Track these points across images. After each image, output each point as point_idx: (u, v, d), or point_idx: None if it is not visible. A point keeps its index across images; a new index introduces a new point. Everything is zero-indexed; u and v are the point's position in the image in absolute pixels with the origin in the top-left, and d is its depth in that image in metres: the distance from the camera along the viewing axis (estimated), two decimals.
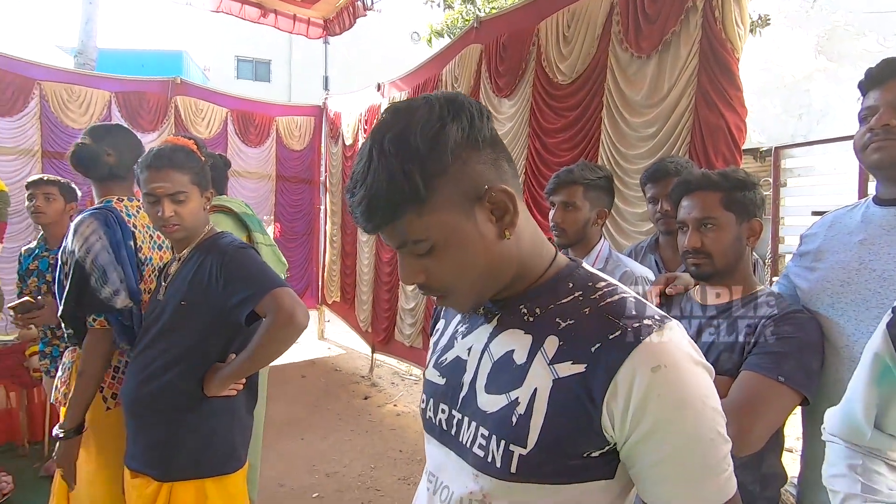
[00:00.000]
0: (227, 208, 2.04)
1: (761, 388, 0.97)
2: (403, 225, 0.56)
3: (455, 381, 0.66)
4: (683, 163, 1.69)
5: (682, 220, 1.17)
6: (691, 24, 2.00)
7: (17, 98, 4.12)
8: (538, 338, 0.59)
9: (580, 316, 0.58)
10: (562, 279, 0.62)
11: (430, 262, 0.58)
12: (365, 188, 0.54)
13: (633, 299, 0.58)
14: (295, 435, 3.42)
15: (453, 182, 0.55)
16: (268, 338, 1.26)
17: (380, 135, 0.54)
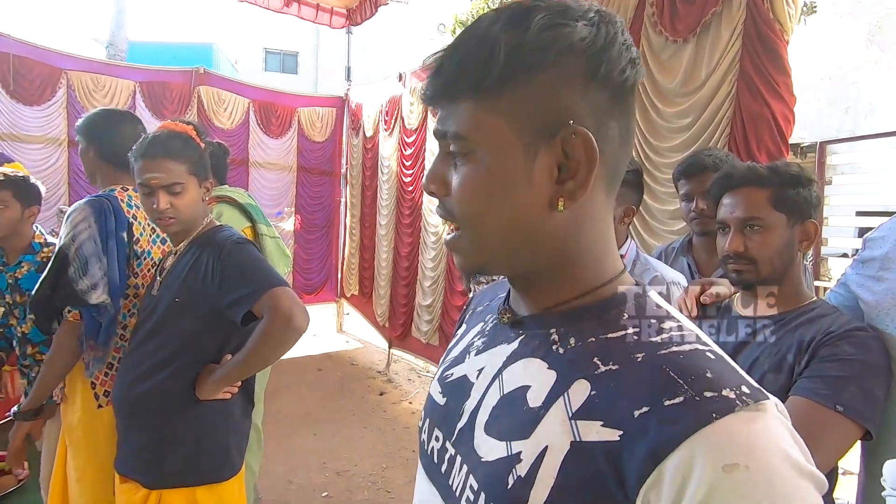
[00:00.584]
0: (231, 199, 1.99)
1: (815, 418, 0.83)
2: (458, 108, 0.44)
3: (455, 405, 0.53)
4: (722, 156, 1.52)
5: (723, 220, 1.03)
6: (734, 3, 1.82)
7: (44, 87, 4.18)
8: (564, 378, 0.43)
9: (629, 361, 0.41)
10: (615, 305, 0.45)
11: (459, 175, 0.45)
12: (452, 50, 0.44)
13: (711, 355, 0.40)
14: (308, 430, 3.38)
15: (538, 92, 0.41)
16: (263, 341, 1.18)
17: (506, 7, 0.43)
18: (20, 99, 4.07)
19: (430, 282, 4.02)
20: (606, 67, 0.41)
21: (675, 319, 0.44)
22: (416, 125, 4.17)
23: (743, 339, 1.02)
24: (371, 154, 5.05)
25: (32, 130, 4.16)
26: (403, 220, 4.44)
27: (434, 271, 3.97)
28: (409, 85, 4.34)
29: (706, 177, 1.47)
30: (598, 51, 0.41)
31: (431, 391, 0.59)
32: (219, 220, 1.81)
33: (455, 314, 3.74)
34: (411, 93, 4.25)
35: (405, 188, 4.37)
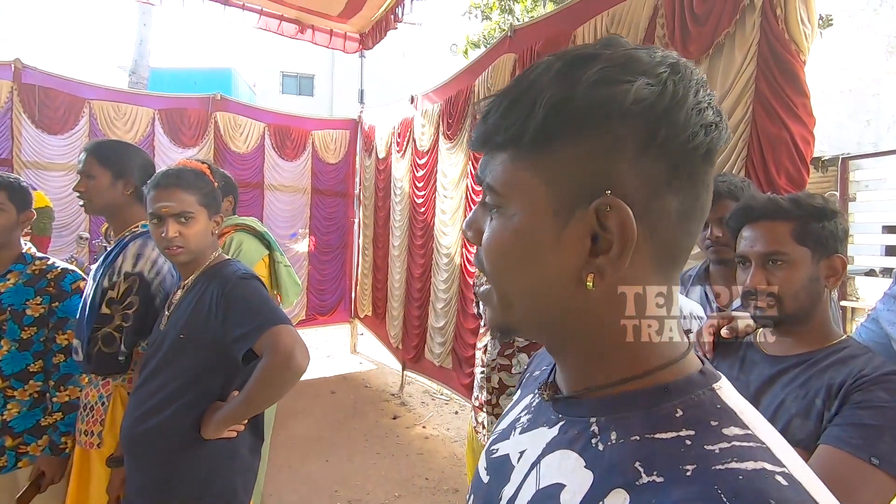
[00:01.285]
0: (250, 227, 2.00)
1: (849, 471, 0.76)
2: (495, 160, 0.41)
3: (497, 487, 0.48)
4: (738, 182, 1.48)
5: (743, 254, 0.98)
6: (748, 24, 1.78)
7: (68, 117, 4.31)
8: (601, 483, 0.37)
9: (676, 474, 0.34)
10: (671, 396, 0.38)
11: (490, 227, 0.42)
12: (500, 97, 0.40)
13: (783, 480, 0.32)
14: (320, 455, 3.33)
15: (578, 154, 0.37)
16: (262, 381, 1.16)
17: (568, 52, 0.39)
18: (45, 128, 4.20)
19: (442, 304, 3.98)
20: (667, 134, 0.36)
21: (744, 425, 0.36)
22: (428, 147, 4.18)
23: (766, 379, 0.96)
24: (384, 175, 5.08)
25: (56, 158, 4.28)
26: (416, 242, 4.43)
27: (446, 293, 3.94)
28: (420, 107, 4.37)
29: (721, 203, 1.42)
30: (658, 114, 0.36)
31: (479, 465, 0.53)
32: (240, 249, 1.82)
33: (468, 337, 3.69)
34: (423, 115, 4.27)
35: (417, 209, 4.37)
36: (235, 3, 4.82)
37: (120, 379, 1.51)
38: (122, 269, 1.48)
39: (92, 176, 1.54)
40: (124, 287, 1.47)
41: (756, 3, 1.75)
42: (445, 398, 4.48)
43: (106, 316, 1.47)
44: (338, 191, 5.78)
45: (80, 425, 1.53)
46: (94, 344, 1.47)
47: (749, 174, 1.76)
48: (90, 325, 1.47)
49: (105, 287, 1.48)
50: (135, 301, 1.46)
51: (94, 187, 1.55)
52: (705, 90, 0.38)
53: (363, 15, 5.02)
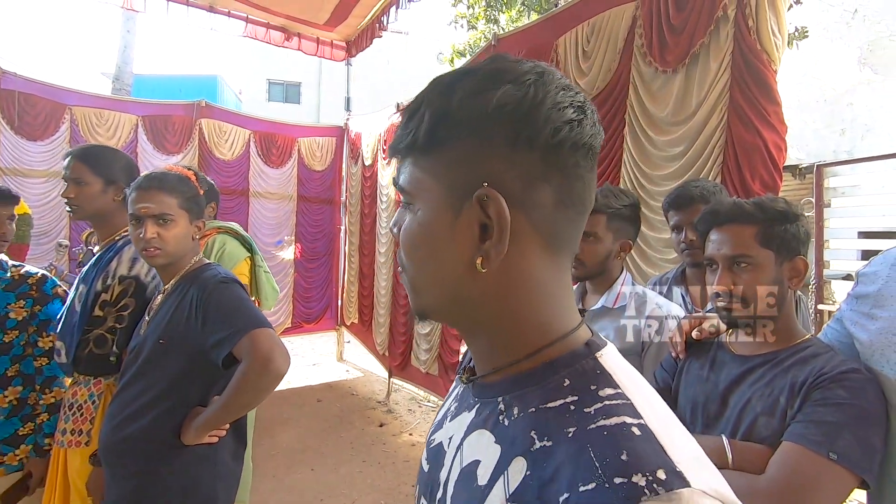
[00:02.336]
0: (233, 230, 2.00)
1: (809, 466, 0.79)
2: (403, 164, 0.47)
3: (435, 474, 0.52)
4: (710, 187, 1.52)
5: (711, 257, 1.01)
6: (721, 35, 1.84)
7: (48, 123, 4.25)
8: (505, 455, 0.42)
9: (560, 437, 0.38)
10: (559, 369, 0.43)
11: (407, 221, 0.47)
12: (405, 111, 0.47)
13: (637, 430, 0.36)
14: (306, 465, 3.30)
15: (460, 155, 0.42)
16: (241, 385, 1.15)
17: (458, 69, 0.46)
18: (24, 135, 4.14)
19: None
20: (530, 131, 0.41)
21: (616, 385, 0.41)
22: None
23: (734, 378, 0.98)
24: (370, 182, 5.09)
25: (35, 165, 4.21)
26: None
27: None
28: None
29: (695, 208, 1.46)
30: (521, 115, 0.41)
31: (423, 457, 0.57)
32: (223, 249, 1.83)
33: (454, 343, 3.69)
34: None
35: None
36: (221, 11, 4.81)
37: (112, 378, 1.51)
38: (118, 273, 1.49)
39: (82, 182, 1.53)
40: (119, 290, 1.48)
41: (729, 14, 1.81)
42: (432, 405, 4.47)
43: (98, 318, 1.47)
44: (324, 198, 5.77)
45: (63, 425, 1.51)
46: (84, 346, 1.47)
47: (725, 180, 1.81)
48: (80, 328, 1.46)
49: (98, 290, 1.48)
50: (130, 303, 1.47)
51: (85, 194, 1.54)
52: (568, 91, 0.42)
53: (349, 23, 5.05)
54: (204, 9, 4.75)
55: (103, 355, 1.49)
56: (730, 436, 0.92)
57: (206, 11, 4.76)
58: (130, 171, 1.63)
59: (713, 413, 0.98)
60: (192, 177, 1.41)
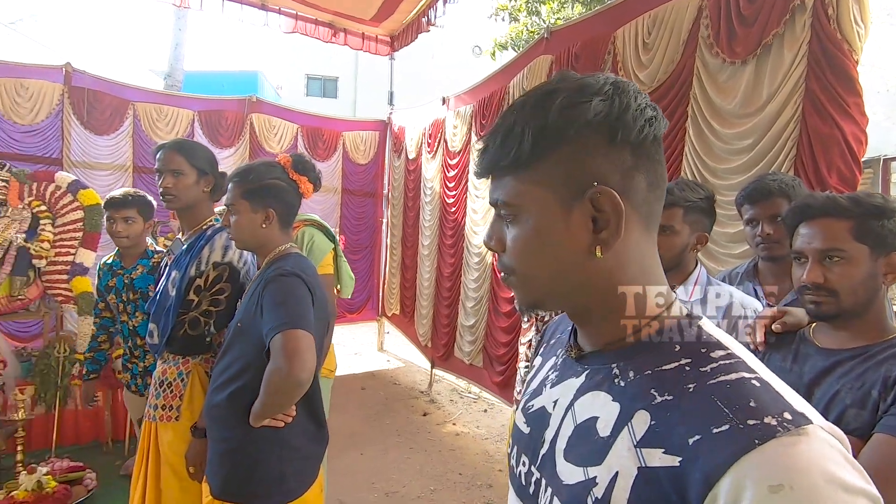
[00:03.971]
0: (319, 223, 2.03)
1: None
2: (500, 181, 0.53)
3: (537, 434, 0.58)
4: (788, 180, 1.48)
5: (800, 251, 1.01)
6: (798, 24, 1.79)
7: (114, 118, 4.48)
8: (627, 410, 0.48)
9: (682, 392, 0.45)
10: (668, 337, 0.51)
11: (510, 235, 0.53)
12: (493, 133, 0.52)
13: (757, 383, 0.43)
14: (355, 449, 3.41)
15: (565, 162, 0.49)
16: (266, 385, 1.20)
17: (534, 90, 0.52)
18: (93, 129, 4.37)
19: (472, 302, 4.03)
20: (623, 133, 0.48)
21: (725, 348, 0.48)
22: (460, 147, 4.23)
23: (820, 371, 0.98)
24: (413, 176, 5.15)
25: (102, 158, 4.45)
26: (446, 241, 4.49)
27: (477, 292, 3.98)
28: (453, 108, 4.43)
29: (772, 201, 1.44)
30: (613, 120, 0.48)
31: (517, 421, 0.64)
32: (312, 241, 1.89)
33: (499, 335, 3.72)
34: (455, 116, 4.33)
35: (448, 209, 4.43)
36: (272, 8, 4.95)
37: (199, 358, 1.61)
38: (211, 259, 1.58)
39: (180, 173, 1.62)
40: (214, 275, 1.57)
41: (807, 3, 1.76)
42: (473, 396, 4.52)
43: (191, 302, 1.57)
44: (367, 191, 5.87)
45: (154, 401, 1.62)
46: (179, 328, 1.57)
47: (798, 173, 1.77)
48: (175, 311, 1.56)
49: (192, 276, 1.57)
50: (226, 287, 1.56)
51: (182, 184, 1.63)
52: (642, 96, 0.50)
53: (394, 19, 5.11)
54: (256, 6, 4.89)
55: (198, 336, 1.59)
56: None
57: (258, 9, 4.91)
58: (214, 164, 1.73)
59: None
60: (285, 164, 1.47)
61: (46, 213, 3.33)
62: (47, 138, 4.23)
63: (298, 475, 1.33)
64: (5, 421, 2.72)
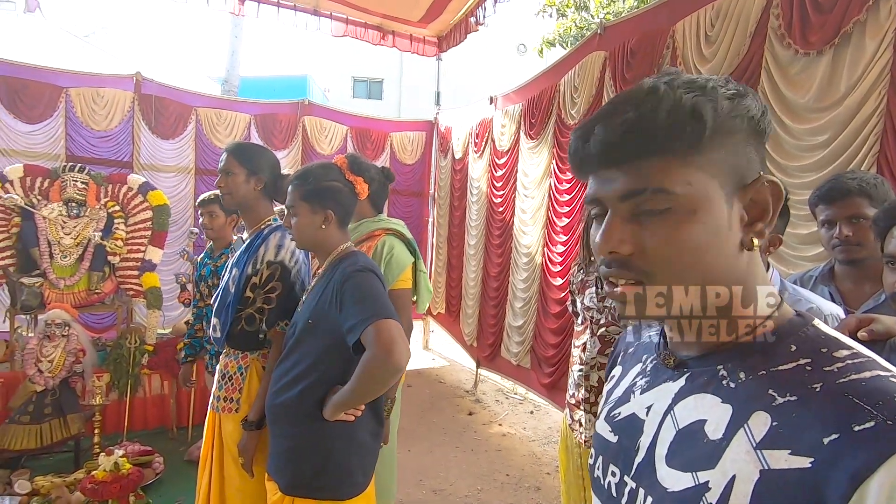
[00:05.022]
0: (401, 233, 1.99)
1: None
2: (656, 166, 0.47)
3: (629, 442, 0.56)
4: (870, 178, 1.38)
5: (893, 255, 0.95)
6: (882, 11, 1.66)
7: (178, 123, 4.75)
8: (741, 411, 0.46)
9: (807, 392, 0.43)
10: (782, 337, 0.48)
11: (649, 229, 0.48)
12: (638, 108, 0.47)
13: (894, 380, 0.41)
14: (402, 445, 3.44)
15: (734, 150, 0.48)
16: (363, 373, 1.23)
17: (667, 76, 0.49)
18: (159, 134, 4.65)
19: (521, 303, 3.99)
20: (765, 127, 0.50)
21: (848, 347, 0.46)
22: (508, 147, 4.21)
23: None
24: (460, 175, 5.16)
25: (167, 161, 4.73)
26: (493, 241, 4.47)
27: (526, 292, 3.94)
28: (501, 107, 4.40)
29: (851, 201, 1.35)
30: (759, 118, 0.49)
31: (599, 430, 0.62)
32: (392, 253, 1.86)
33: (548, 337, 3.68)
34: (504, 115, 4.30)
35: (495, 209, 4.41)
36: (324, 14, 5.10)
37: (257, 353, 1.67)
38: (265, 258, 1.64)
39: (230, 172, 1.72)
40: (267, 273, 1.63)
41: None
42: (519, 398, 4.49)
43: (248, 299, 1.63)
44: (414, 191, 5.94)
45: (218, 392, 1.70)
46: (237, 323, 1.64)
47: (881, 171, 1.65)
48: (234, 307, 1.63)
49: (249, 274, 1.64)
50: (277, 286, 1.61)
51: (232, 182, 1.72)
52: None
53: (442, 19, 5.14)
54: (309, 12, 5.05)
55: (253, 332, 1.66)
56: None
57: (310, 14, 5.06)
58: (272, 166, 1.79)
59: None
60: (342, 165, 1.52)
61: (120, 212, 3.57)
62: (119, 143, 4.53)
63: (363, 469, 1.37)
64: (85, 406, 2.94)
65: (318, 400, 1.32)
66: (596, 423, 0.64)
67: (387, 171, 1.98)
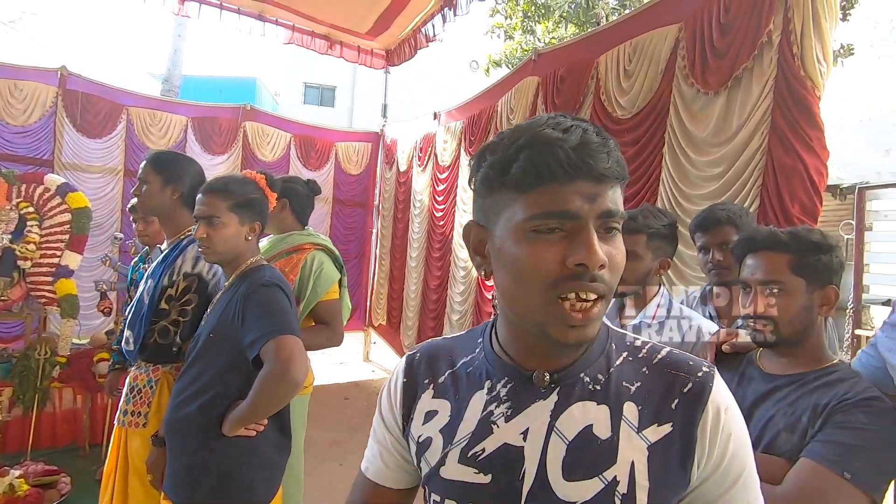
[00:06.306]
0: (330, 249, 2.01)
1: (823, 482, 0.84)
2: (617, 192, 0.52)
3: (508, 475, 0.54)
4: (736, 209, 1.54)
5: (745, 280, 1.06)
6: (765, 59, 1.87)
7: (107, 122, 4.52)
8: (615, 407, 0.55)
9: (643, 377, 0.57)
10: (607, 341, 0.59)
11: (614, 248, 0.52)
12: (608, 140, 0.51)
13: (676, 351, 0.59)
14: (334, 459, 3.41)
15: None
16: (260, 389, 1.22)
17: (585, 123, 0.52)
18: (85, 132, 4.41)
19: (458, 315, 4.07)
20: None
21: (636, 337, 0.61)
22: (450, 162, 4.30)
23: (761, 395, 1.03)
24: (404, 188, 5.21)
25: (93, 161, 4.48)
26: (433, 254, 4.53)
27: (462, 305, 4.02)
28: (443, 123, 4.50)
29: (721, 229, 1.50)
30: None
31: (456, 476, 0.56)
32: (321, 268, 1.87)
33: None
34: (446, 131, 4.40)
35: (436, 222, 4.48)
36: (269, 19, 5.03)
37: (170, 367, 1.63)
38: (182, 269, 1.60)
39: (146, 181, 1.68)
40: (183, 285, 1.59)
41: (774, 40, 1.84)
42: None
43: (163, 311, 1.59)
44: (358, 201, 5.92)
45: (125, 406, 1.64)
46: (150, 336, 1.59)
47: (764, 202, 1.84)
48: (148, 319, 1.58)
49: (165, 285, 1.60)
50: (194, 298, 1.58)
51: (147, 192, 1.68)
52: None
53: (390, 33, 5.20)
54: (253, 16, 4.97)
55: (166, 345, 1.61)
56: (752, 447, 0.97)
57: (255, 19, 4.98)
58: (193, 177, 1.75)
59: None
60: (259, 180, 1.52)
61: (34, 214, 3.35)
62: (39, 140, 4.26)
63: (267, 484, 1.35)
64: None
65: (219, 415, 1.29)
66: (440, 470, 0.58)
67: (312, 184, 2.00)
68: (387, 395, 0.69)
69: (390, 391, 0.68)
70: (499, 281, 0.56)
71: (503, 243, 0.53)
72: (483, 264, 0.58)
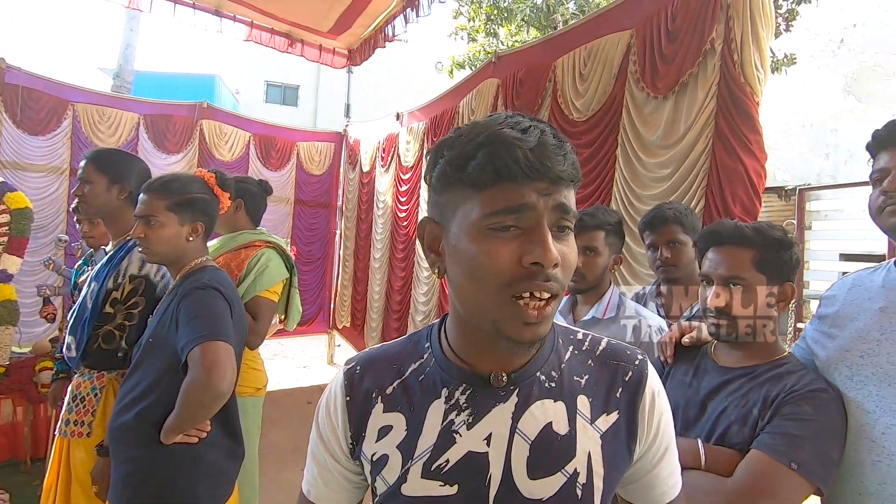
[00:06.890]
0: (280, 247, 1.98)
1: (770, 472, 0.88)
2: (571, 193, 0.52)
3: (475, 483, 0.54)
4: (682, 209, 1.60)
5: (707, 274, 1.06)
6: (709, 66, 1.96)
7: (50, 118, 4.29)
8: (570, 402, 0.58)
9: (588, 369, 0.60)
10: (555, 337, 0.62)
11: (567, 247, 0.52)
12: (564, 143, 0.51)
13: (614, 341, 0.64)
14: (297, 464, 3.34)
15: None
16: (183, 397, 1.19)
17: (543, 124, 0.51)
18: (26, 129, 4.17)
19: (421, 316, 4.06)
20: None
21: (577, 330, 0.65)
22: (413, 163, 4.30)
23: (715, 387, 1.05)
24: (367, 188, 5.17)
25: (36, 160, 4.24)
26: (397, 255, 4.52)
27: (426, 306, 4.02)
28: (406, 124, 4.49)
29: (668, 228, 1.56)
30: None
31: (421, 492, 0.55)
32: (267, 266, 1.84)
33: None
34: (408, 132, 4.40)
35: (399, 223, 4.46)
36: (226, 15, 4.89)
37: (115, 373, 1.56)
38: (128, 272, 1.54)
39: (88, 181, 1.60)
40: (129, 288, 1.52)
41: (716, 48, 1.93)
42: None
43: (108, 315, 1.52)
44: (321, 202, 5.84)
45: (67, 416, 1.56)
46: (94, 341, 1.52)
47: (708, 202, 1.92)
48: (91, 324, 1.51)
49: (109, 288, 1.53)
50: (140, 301, 1.52)
51: (90, 191, 1.61)
52: None
53: (352, 32, 5.15)
54: (210, 12, 4.82)
55: (111, 351, 1.54)
56: (704, 440, 0.99)
57: (211, 14, 4.83)
58: (140, 175, 1.69)
59: (692, 417, 1.05)
60: (209, 179, 1.47)
61: None
62: None
63: (213, 492, 1.30)
64: None
65: (157, 422, 1.23)
66: (401, 488, 0.56)
67: (264, 184, 1.97)
68: (325, 414, 0.64)
69: (329, 410, 0.64)
70: (453, 278, 0.54)
71: (458, 241, 0.52)
72: (437, 262, 0.56)
